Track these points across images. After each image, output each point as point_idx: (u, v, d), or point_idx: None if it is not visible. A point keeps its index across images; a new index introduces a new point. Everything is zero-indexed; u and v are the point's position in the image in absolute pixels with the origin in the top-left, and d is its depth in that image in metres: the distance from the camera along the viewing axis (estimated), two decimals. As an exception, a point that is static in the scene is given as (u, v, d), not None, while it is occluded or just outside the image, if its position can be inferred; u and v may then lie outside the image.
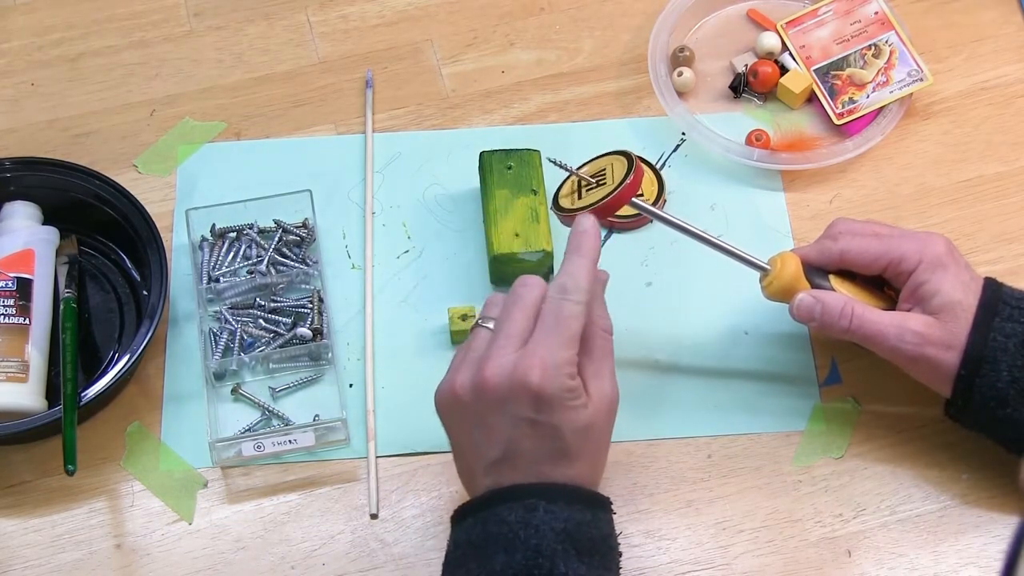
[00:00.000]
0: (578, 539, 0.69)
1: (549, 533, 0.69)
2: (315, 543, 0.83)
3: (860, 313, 0.80)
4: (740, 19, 1.05)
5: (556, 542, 0.69)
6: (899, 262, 0.80)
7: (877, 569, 0.82)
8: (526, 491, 0.70)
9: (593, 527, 0.71)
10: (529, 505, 0.70)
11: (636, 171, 0.80)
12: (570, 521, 0.70)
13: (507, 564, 0.68)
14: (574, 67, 1.02)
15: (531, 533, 0.69)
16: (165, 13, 1.05)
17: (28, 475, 0.86)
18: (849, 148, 0.96)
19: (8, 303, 0.86)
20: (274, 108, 1.00)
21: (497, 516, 0.70)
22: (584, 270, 0.75)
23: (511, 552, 0.69)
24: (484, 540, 0.70)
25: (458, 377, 0.73)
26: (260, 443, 0.84)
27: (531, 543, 0.68)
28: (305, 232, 0.93)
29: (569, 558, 0.69)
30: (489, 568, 0.69)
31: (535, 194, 0.91)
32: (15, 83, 1.01)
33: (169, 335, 0.90)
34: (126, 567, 0.83)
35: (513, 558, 0.68)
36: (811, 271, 0.83)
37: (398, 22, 1.05)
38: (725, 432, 0.87)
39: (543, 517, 0.69)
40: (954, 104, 1.00)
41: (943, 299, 0.78)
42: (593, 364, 0.74)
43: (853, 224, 0.83)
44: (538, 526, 0.69)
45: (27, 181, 0.92)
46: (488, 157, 0.92)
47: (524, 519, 0.69)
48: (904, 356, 0.80)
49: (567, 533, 0.69)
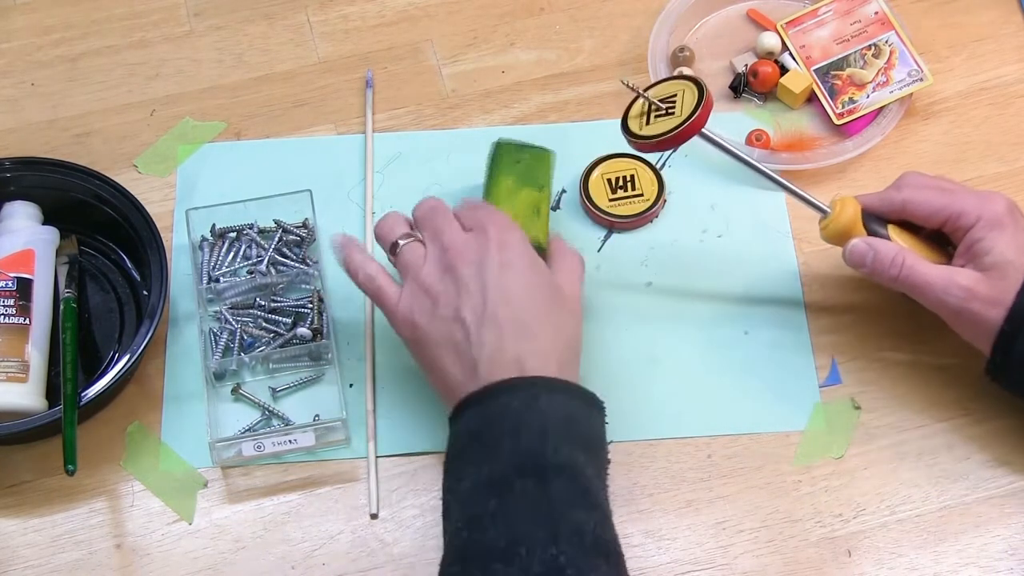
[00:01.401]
0: (576, 430, 0.71)
1: (553, 418, 0.71)
2: (315, 543, 0.83)
3: (911, 264, 0.81)
4: (740, 19, 1.05)
5: (560, 427, 0.70)
6: (958, 217, 0.80)
7: (877, 569, 0.82)
8: (528, 382, 0.72)
9: (588, 424, 0.73)
10: (532, 394, 0.72)
11: (706, 103, 0.80)
12: (569, 413, 0.72)
13: (514, 448, 0.70)
14: (574, 67, 1.02)
15: (535, 416, 0.70)
16: (165, 13, 1.05)
17: (28, 475, 0.86)
18: (849, 148, 0.96)
19: (8, 303, 0.86)
20: (274, 108, 1.00)
21: (500, 404, 0.72)
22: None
23: (515, 436, 0.70)
24: (488, 427, 0.72)
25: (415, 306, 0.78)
26: (260, 443, 0.84)
27: (536, 425, 0.70)
28: (305, 232, 0.93)
29: (573, 444, 0.70)
30: (495, 452, 0.70)
31: (541, 190, 0.90)
32: (15, 83, 1.01)
33: (169, 335, 0.90)
34: (126, 567, 0.83)
35: (519, 442, 0.70)
36: (870, 219, 0.83)
37: (398, 22, 1.05)
38: (725, 432, 0.87)
39: (546, 403, 0.71)
40: (954, 104, 1.00)
41: (995, 257, 0.79)
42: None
43: (920, 177, 0.84)
44: (543, 410, 0.71)
45: (27, 181, 0.92)
46: (503, 147, 0.91)
47: (528, 404, 0.71)
48: (948, 309, 0.80)
49: (568, 421, 0.71)
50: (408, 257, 0.80)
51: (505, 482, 0.69)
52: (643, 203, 0.94)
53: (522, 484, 0.69)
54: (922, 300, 0.81)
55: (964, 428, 0.86)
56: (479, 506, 0.70)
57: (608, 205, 0.94)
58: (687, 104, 0.81)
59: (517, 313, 0.76)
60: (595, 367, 0.89)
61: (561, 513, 0.68)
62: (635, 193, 0.94)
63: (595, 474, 0.71)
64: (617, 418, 0.87)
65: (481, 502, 0.70)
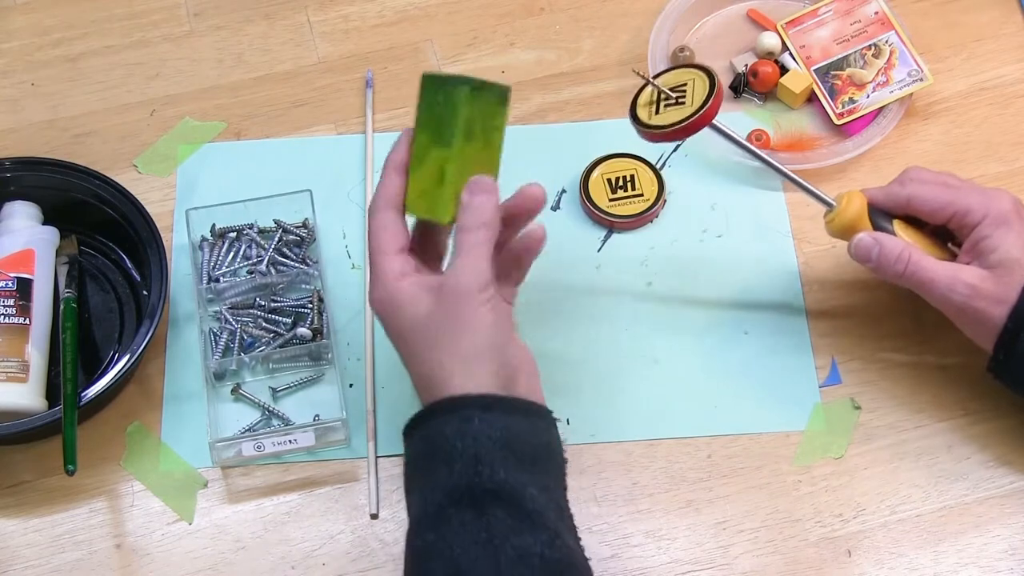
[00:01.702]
0: (516, 447, 0.70)
1: (486, 441, 0.69)
2: (315, 543, 0.83)
3: (916, 260, 0.80)
4: (740, 19, 1.05)
5: (495, 449, 0.69)
6: (964, 214, 0.80)
7: (877, 569, 0.82)
8: (461, 402, 0.71)
9: (530, 435, 0.71)
10: (465, 416, 0.70)
11: (717, 94, 0.79)
12: (507, 430, 0.70)
13: (448, 475, 0.69)
14: (574, 67, 1.02)
15: (468, 443, 0.69)
16: (165, 13, 1.05)
17: (28, 475, 0.86)
18: (849, 148, 0.96)
19: (8, 303, 0.86)
20: (274, 108, 1.00)
21: (434, 429, 0.71)
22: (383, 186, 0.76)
23: (450, 463, 0.69)
24: (426, 454, 0.71)
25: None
26: (260, 443, 0.84)
27: (469, 452, 0.69)
28: (305, 232, 0.93)
29: (508, 465, 0.69)
30: (432, 481, 0.70)
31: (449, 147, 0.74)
32: (15, 83, 1.01)
33: (169, 335, 0.90)
34: (126, 567, 0.83)
35: (453, 469, 0.69)
36: (876, 213, 0.83)
37: (398, 22, 1.05)
38: (725, 432, 0.87)
39: (479, 427, 0.69)
40: (954, 104, 1.00)
41: (1001, 255, 0.78)
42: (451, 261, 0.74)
43: (924, 172, 0.84)
44: (475, 435, 0.69)
45: (27, 181, 0.92)
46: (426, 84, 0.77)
47: (460, 429, 0.69)
48: (953, 306, 0.80)
49: (505, 441, 0.69)
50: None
51: (442, 514, 0.68)
52: (643, 203, 0.94)
53: (459, 516, 0.68)
54: (927, 296, 0.81)
55: (964, 428, 0.86)
56: (419, 538, 0.69)
57: (608, 205, 0.94)
58: (698, 94, 0.80)
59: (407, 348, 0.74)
60: (595, 367, 0.89)
61: (501, 542, 0.67)
62: (635, 193, 0.94)
63: (541, 490, 0.69)
64: (617, 418, 0.87)
65: (421, 534, 0.69)
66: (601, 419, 0.87)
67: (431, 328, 0.72)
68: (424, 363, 0.73)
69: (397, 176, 0.76)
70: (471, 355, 0.71)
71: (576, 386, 0.88)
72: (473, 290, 0.71)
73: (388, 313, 0.74)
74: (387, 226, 0.75)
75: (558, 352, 0.90)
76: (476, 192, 0.74)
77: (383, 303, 0.74)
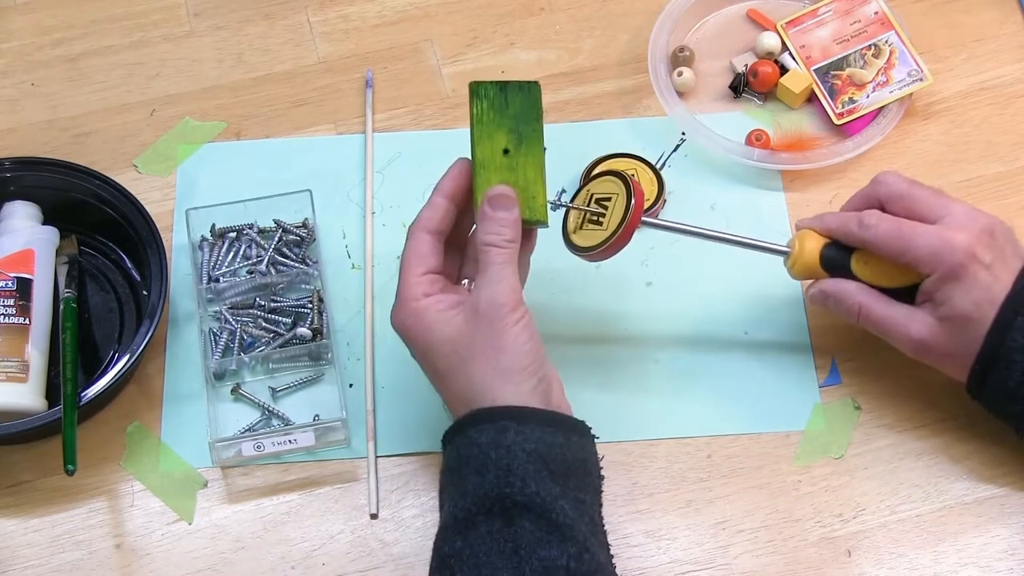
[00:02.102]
0: (550, 460, 0.70)
1: (520, 453, 0.69)
2: (315, 543, 0.83)
3: (867, 312, 0.81)
4: (740, 19, 1.05)
5: (528, 462, 0.69)
6: (916, 264, 0.79)
7: (877, 569, 0.82)
8: (498, 414, 0.71)
9: (566, 449, 0.71)
10: (501, 427, 0.70)
11: (636, 199, 0.78)
12: (541, 443, 0.70)
13: (479, 484, 0.69)
14: (574, 67, 1.02)
15: (502, 453, 0.69)
16: (165, 13, 1.05)
17: (28, 475, 0.86)
18: (849, 148, 0.96)
19: (8, 303, 0.86)
20: (274, 108, 1.00)
21: (469, 439, 0.71)
22: (423, 208, 0.78)
23: (482, 473, 0.69)
24: (459, 463, 0.71)
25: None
26: (260, 443, 0.84)
27: (502, 463, 0.69)
28: (305, 232, 0.93)
29: (542, 478, 0.69)
30: (462, 488, 0.70)
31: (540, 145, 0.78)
32: (15, 83, 1.01)
33: (169, 335, 0.90)
34: (126, 567, 0.83)
35: (484, 478, 0.69)
36: (833, 248, 0.82)
37: (398, 22, 1.05)
38: (725, 432, 0.87)
39: (513, 438, 0.70)
40: (954, 104, 1.00)
41: (948, 311, 0.78)
42: (477, 278, 0.75)
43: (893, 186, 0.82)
44: (509, 446, 0.69)
45: (27, 181, 0.92)
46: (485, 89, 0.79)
47: (495, 440, 0.70)
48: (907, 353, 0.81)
49: (539, 454, 0.70)
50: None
51: (470, 521, 0.69)
52: (643, 203, 0.94)
53: (488, 524, 0.68)
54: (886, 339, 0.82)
55: (964, 428, 0.86)
56: (448, 544, 0.70)
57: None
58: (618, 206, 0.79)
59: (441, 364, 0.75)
60: (596, 367, 0.89)
61: (527, 553, 0.67)
62: (635, 193, 0.94)
63: (573, 503, 0.70)
64: (617, 418, 0.87)
65: (449, 540, 0.70)
66: (601, 419, 0.87)
67: (466, 345, 0.73)
68: (460, 379, 0.73)
69: (442, 200, 0.77)
70: (511, 370, 0.72)
71: (576, 386, 0.88)
72: (508, 307, 0.73)
73: (415, 333, 0.75)
74: (419, 247, 0.76)
75: (558, 352, 0.90)
76: (499, 206, 0.75)
77: (407, 324, 0.75)
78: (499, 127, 0.77)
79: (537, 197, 0.77)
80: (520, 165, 0.77)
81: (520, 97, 0.78)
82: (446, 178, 0.78)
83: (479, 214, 0.76)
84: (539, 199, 0.77)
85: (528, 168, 0.77)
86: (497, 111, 0.78)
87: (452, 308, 0.74)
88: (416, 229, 0.77)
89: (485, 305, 0.73)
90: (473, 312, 0.73)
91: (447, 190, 0.78)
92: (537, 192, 0.77)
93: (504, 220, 0.75)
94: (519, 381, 0.72)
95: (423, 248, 0.76)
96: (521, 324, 0.73)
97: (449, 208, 0.77)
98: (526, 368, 0.72)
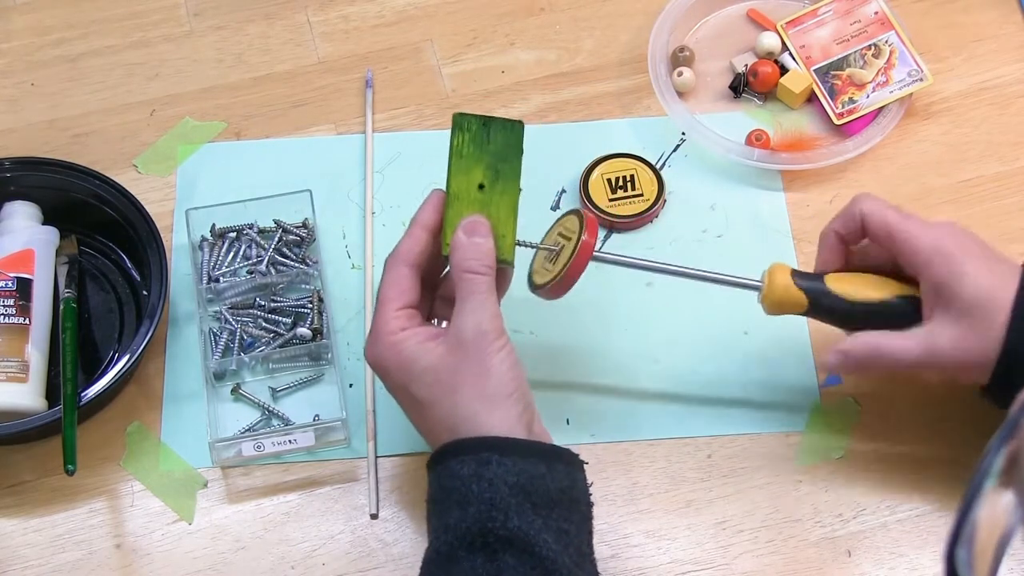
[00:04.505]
0: (532, 492, 0.69)
1: (502, 487, 0.68)
2: (315, 543, 0.83)
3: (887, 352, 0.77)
4: (740, 19, 1.05)
5: (510, 495, 0.68)
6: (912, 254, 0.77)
7: (877, 569, 0.82)
8: (479, 444, 0.70)
9: (549, 479, 0.70)
10: (482, 459, 0.69)
11: (587, 235, 0.77)
12: (523, 474, 0.69)
13: (461, 518, 0.68)
14: (574, 67, 1.02)
15: (484, 487, 0.68)
16: (165, 13, 1.05)
17: (28, 475, 0.86)
18: (849, 148, 0.96)
19: (8, 303, 0.86)
20: (274, 108, 1.00)
21: (451, 471, 0.70)
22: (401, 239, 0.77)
23: (464, 506, 0.69)
24: (441, 495, 0.71)
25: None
26: (260, 443, 0.84)
27: (484, 496, 0.68)
28: (305, 232, 0.93)
29: (524, 511, 0.68)
30: (445, 522, 0.69)
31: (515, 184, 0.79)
32: (15, 83, 1.01)
33: (169, 335, 0.90)
34: (126, 567, 0.83)
35: (467, 512, 0.68)
36: (804, 277, 0.80)
37: (398, 22, 1.05)
38: (725, 432, 0.87)
39: (495, 470, 0.69)
40: (954, 104, 1.00)
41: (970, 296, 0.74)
42: (457, 306, 0.74)
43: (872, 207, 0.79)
44: (491, 479, 0.68)
45: (27, 181, 0.92)
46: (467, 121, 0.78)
47: (477, 472, 0.69)
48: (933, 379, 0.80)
49: (520, 486, 0.69)
50: None
51: (453, 556, 0.68)
52: (643, 203, 0.94)
53: (470, 560, 0.67)
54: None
55: (964, 427, 0.86)
56: None
57: (608, 205, 0.94)
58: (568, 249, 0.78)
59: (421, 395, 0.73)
60: (596, 367, 0.89)
61: None
62: (635, 193, 0.94)
63: (557, 535, 0.69)
64: (617, 418, 0.87)
65: (432, 573, 0.69)
66: (601, 419, 0.87)
67: (449, 373, 0.72)
68: (445, 406, 0.72)
69: (423, 233, 0.76)
70: (498, 396, 0.71)
71: (576, 386, 0.89)
72: (492, 335, 0.72)
73: (394, 365, 0.74)
74: (398, 281, 0.75)
75: (558, 352, 0.90)
76: (474, 232, 0.75)
77: (384, 356, 0.74)
78: (477, 162, 0.77)
79: (507, 236, 0.76)
80: (493, 202, 0.76)
81: (503, 135, 0.77)
82: (425, 209, 0.77)
83: (453, 243, 0.75)
84: (508, 239, 0.76)
85: (501, 206, 0.77)
86: (477, 146, 0.77)
87: (430, 340, 0.73)
88: (395, 261, 0.76)
89: (470, 333, 0.72)
90: (456, 340, 0.72)
91: (427, 222, 0.76)
92: (507, 231, 0.76)
93: (480, 246, 0.74)
94: (506, 407, 0.71)
95: (403, 283, 0.75)
96: (505, 351, 0.72)
97: (429, 241, 0.76)
98: (511, 395, 0.72)
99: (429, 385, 0.73)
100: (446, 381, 0.72)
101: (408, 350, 0.73)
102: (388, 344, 0.74)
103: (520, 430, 0.71)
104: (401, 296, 0.75)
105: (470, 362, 0.72)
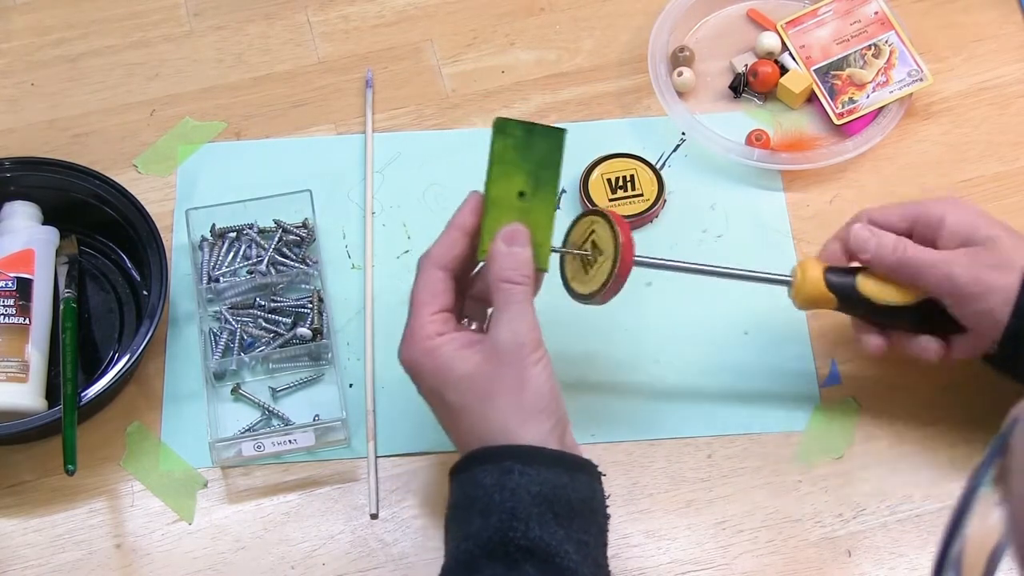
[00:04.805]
0: (555, 502, 0.69)
1: (525, 496, 0.68)
2: (315, 543, 0.83)
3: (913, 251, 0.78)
4: (740, 19, 1.05)
5: (532, 505, 0.68)
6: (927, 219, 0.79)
7: (877, 569, 0.82)
8: (502, 453, 0.70)
9: (571, 490, 0.70)
10: (505, 468, 0.69)
11: (623, 233, 0.76)
12: (546, 484, 0.69)
13: (483, 527, 0.68)
14: (574, 67, 1.02)
15: (506, 496, 0.68)
16: (165, 13, 1.05)
17: (28, 475, 0.86)
18: (849, 148, 0.96)
19: (8, 303, 0.86)
20: (274, 108, 1.00)
21: (475, 479, 0.70)
22: (438, 241, 0.76)
23: (486, 515, 0.68)
24: (464, 503, 0.71)
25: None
26: (260, 443, 0.84)
27: (506, 506, 0.68)
28: (305, 232, 0.93)
29: (545, 521, 0.68)
30: (466, 531, 0.69)
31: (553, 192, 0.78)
32: (15, 83, 1.01)
33: (169, 335, 0.90)
34: (126, 567, 0.83)
35: (488, 521, 0.68)
36: (836, 272, 0.81)
37: (398, 22, 1.05)
38: (725, 432, 0.87)
39: (518, 480, 0.68)
40: (954, 104, 1.00)
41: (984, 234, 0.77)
42: (495, 315, 0.73)
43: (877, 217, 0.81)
44: (513, 489, 0.68)
45: (27, 181, 0.92)
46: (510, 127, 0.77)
47: (499, 482, 0.69)
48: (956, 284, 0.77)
49: (543, 496, 0.68)
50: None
51: (472, 564, 0.68)
52: (643, 203, 0.94)
53: (491, 568, 0.67)
54: (930, 282, 0.78)
55: (964, 427, 0.86)
56: None
57: (608, 205, 0.94)
58: (607, 241, 0.77)
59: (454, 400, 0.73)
60: (596, 367, 0.89)
61: None
62: (635, 193, 0.94)
63: (577, 546, 0.69)
64: (617, 418, 0.87)
65: None
66: (601, 419, 0.87)
67: (485, 381, 0.72)
68: (476, 415, 0.72)
69: (460, 236, 0.75)
70: (532, 410, 0.71)
71: (576, 386, 0.89)
72: (530, 347, 0.72)
73: (429, 370, 0.73)
74: (433, 284, 0.75)
75: (558, 352, 0.89)
76: (513, 242, 0.74)
77: (420, 361, 0.74)
78: (519, 169, 0.76)
79: (544, 245, 0.76)
80: (533, 210, 0.76)
81: (545, 142, 0.76)
82: (463, 212, 0.76)
83: (491, 251, 0.74)
84: (545, 247, 0.76)
85: (540, 214, 0.76)
86: (520, 152, 0.76)
87: (467, 347, 0.73)
88: (429, 264, 0.75)
89: (507, 343, 0.71)
90: (493, 350, 0.72)
91: (466, 225, 0.75)
92: (544, 240, 0.76)
93: (521, 256, 0.74)
94: (539, 421, 0.71)
95: (437, 286, 0.74)
96: (542, 364, 0.72)
97: (466, 244, 0.75)
98: (545, 409, 0.71)
99: (463, 392, 0.72)
100: (481, 389, 0.72)
101: (444, 356, 0.73)
102: (424, 349, 0.73)
103: (552, 443, 0.71)
104: (436, 299, 0.74)
105: (506, 373, 0.71)
